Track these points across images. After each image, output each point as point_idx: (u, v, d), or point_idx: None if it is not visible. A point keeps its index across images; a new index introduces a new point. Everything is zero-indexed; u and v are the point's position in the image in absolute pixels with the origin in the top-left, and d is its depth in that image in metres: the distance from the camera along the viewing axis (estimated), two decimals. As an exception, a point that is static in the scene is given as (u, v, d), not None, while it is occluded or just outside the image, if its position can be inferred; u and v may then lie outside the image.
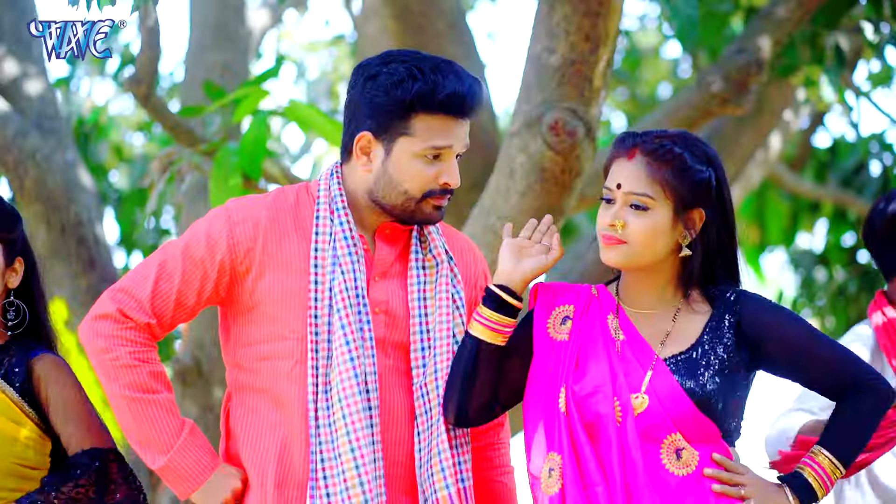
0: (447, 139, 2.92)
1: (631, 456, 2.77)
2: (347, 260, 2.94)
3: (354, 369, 2.88)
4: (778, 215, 9.13)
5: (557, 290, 2.97)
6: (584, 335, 2.89)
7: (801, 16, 5.32)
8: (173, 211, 8.18)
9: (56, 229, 5.34)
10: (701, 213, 2.85)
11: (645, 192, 2.82)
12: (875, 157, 8.80)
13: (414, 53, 2.97)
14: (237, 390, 3.01)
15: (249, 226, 2.95)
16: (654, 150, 2.83)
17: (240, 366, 3.00)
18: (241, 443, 2.97)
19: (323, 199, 3.00)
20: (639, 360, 2.83)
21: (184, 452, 2.89)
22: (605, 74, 4.17)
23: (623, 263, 2.86)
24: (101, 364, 2.90)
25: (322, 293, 2.93)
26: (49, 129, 5.51)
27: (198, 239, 2.96)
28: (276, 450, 2.93)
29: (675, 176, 2.82)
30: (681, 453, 2.78)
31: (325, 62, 10.96)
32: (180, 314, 2.96)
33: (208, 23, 6.41)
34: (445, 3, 5.86)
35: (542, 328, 2.92)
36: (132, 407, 2.88)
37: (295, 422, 2.93)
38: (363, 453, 2.85)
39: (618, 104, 10.32)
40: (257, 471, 2.93)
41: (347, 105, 3.00)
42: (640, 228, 2.82)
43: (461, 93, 2.91)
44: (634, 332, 2.86)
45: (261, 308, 2.95)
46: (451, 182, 2.95)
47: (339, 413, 2.87)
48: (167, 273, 2.93)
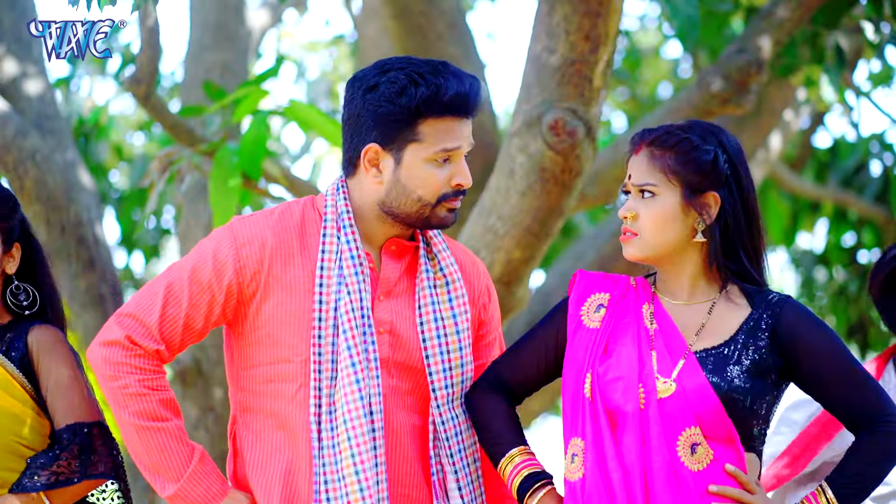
0: (455, 140, 2.92)
1: (651, 445, 2.77)
2: (354, 280, 2.92)
3: (360, 391, 2.87)
4: (778, 215, 9.12)
5: (595, 278, 2.98)
6: (616, 322, 2.90)
7: (802, 16, 5.32)
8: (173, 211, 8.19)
9: (56, 229, 5.34)
10: (715, 197, 2.85)
11: (647, 181, 2.85)
12: (875, 157, 8.81)
13: (408, 60, 2.95)
14: (242, 412, 3.00)
15: (256, 248, 2.93)
16: (657, 139, 2.86)
17: (243, 388, 2.99)
18: (248, 466, 2.97)
19: (330, 215, 2.97)
20: (671, 349, 2.83)
21: (194, 481, 2.89)
22: (605, 74, 4.17)
23: (641, 256, 2.87)
24: (110, 391, 2.89)
25: (326, 313, 2.91)
26: (49, 129, 5.50)
27: (204, 261, 2.93)
28: (281, 473, 2.92)
29: (678, 160, 2.84)
30: (696, 448, 2.77)
31: (325, 62, 10.96)
32: (189, 338, 2.95)
33: (208, 23, 6.41)
34: (445, 3, 5.86)
35: (576, 315, 2.94)
36: (142, 435, 2.88)
37: (300, 445, 2.92)
38: (367, 476, 2.84)
39: (618, 104, 10.32)
40: (264, 494, 2.93)
41: (347, 119, 2.97)
42: (649, 216, 2.84)
43: (464, 93, 2.91)
44: (669, 321, 2.86)
45: (264, 330, 2.93)
46: (464, 182, 2.94)
47: (344, 435, 2.85)
48: (175, 297, 2.91)
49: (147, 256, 9.01)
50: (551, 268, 6.08)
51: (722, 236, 2.85)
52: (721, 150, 2.85)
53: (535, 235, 4.37)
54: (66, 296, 5.36)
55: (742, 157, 2.88)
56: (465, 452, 2.99)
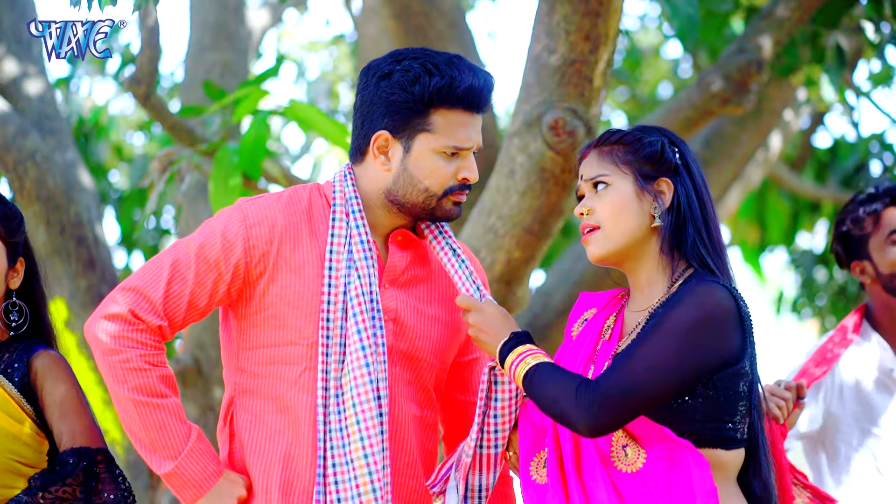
0: (467, 140, 2.93)
1: (584, 451, 2.78)
2: (364, 264, 2.92)
3: (369, 375, 2.86)
4: (778, 215, 9.12)
5: (594, 296, 3.02)
6: (585, 336, 2.93)
7: (802, 15, 5.32)
8: (173, 211, 8.18)
9: (56, 229, 5.34)
10: (668, 183, 2.87)
11: (599, 172, 2.89)
12: (875, 157, 8.80)
13: (423, 50, 2.96)
14: (240, 394, 2.98)
15: (266, 228, 2.93)
16: (602, 139, 2.91)
17: (242, 369, 2.97)
18: (246, 449, 2.96)
19: (339, 200, 2.97)
20: (605, 358, 2.85)
21: (191, 459, 2.87)
22: (606, 74, 4.17)
23: (604, 252, 2.87)
24: (109, 365, 2.86)
25: (335, 297, 2.91)
26: (49, 129, 5.51)
27: (213, 239, 2.92)
28: (281, 457, 2.91)
29: (627, 150, 2.88)
30: (626, 450, 2.77)
31: (325, 62, 10.95)
32: (192, 315, 2.93)
33: (208, 23, 6.41)
34: (445, 2, 5.86)
35: (568, 331, 2.99)
36: (140, 411, 2.85)
37: (301, 428, 2.91)
38: (375, 459, 2.84)
39: (618, 104, 10.31)
40: (262, 478, 2.92)
41: (359, 107, 2.97)
42: (606, 205, 2.86)
43: (478, 86, 2.93)
44: (619, 327, 2.89)
45: (270, 311, 2.92)
46: (471, 177, 2.96)
47: (353, 418, 2.85)
48: (180, 274, 2.90)
49: (147, 256, 9.00)
50: (551, 268, 6.08)
51: (676, 219, 2.86)
52: (667, 140, 2.90)
53: (535, 235, 4.37)
54: (66, 296, 5.36)
55: (689, 152, 2.92)
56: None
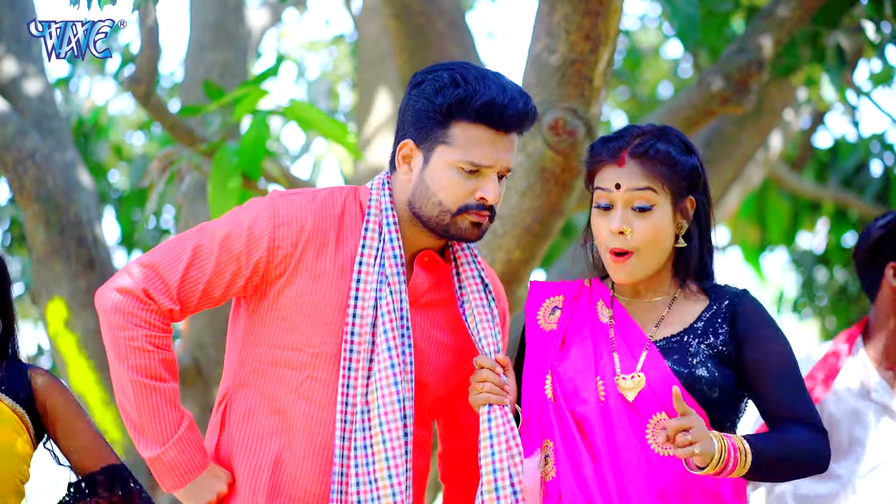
0: (486, 158, 2.83)
1: (615, 435, 2.77)
2: (396, 280, 2.87)
3: (398, 394, 2.82)
4: (778, 215, 9.12)
5: (549, 285, 2.99)
6: (572, 322, 2.91)
7: (802, 15, 5.31)
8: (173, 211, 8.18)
9: (55, 229, 5.33)
10: (692, 201, 2.88)
11: (648, 185, 2.83)
12: (876, 156, 8.81)
13: (463, 63, 2.90)
14: (237, 387, 2.95)
15: (294, 230, 2.88)
16: (644, 151, 2.84)
17: (244, 363, 2.94)
18: (234, 445, 2.92)
19: (374, 210, 2.91)
20: (631, 343, 2.85)
21: (179, 447, 2.84)
22: (606, 74, 4.16)
23: (635, 278, 2.87)
24: (114, 339, 2.82)
25: (363, 310, 2.85)
26: (49, 128, 5.50)
27: (238, 232, 2.87)
28: (272, 460, 2.87)
29: (668, 170, 2.84)
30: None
31: (325, 62, 10.95)
32: (205, 303, 2.89)
33: (208, 23, 6.40)
34: (445, 2, 5.85)
35: (533, 320, 2.94)
36: (136, 391, 2.81)
37: (294, 435, 2.87)
38: (399, 480, 2.80)
39: (618, 104, 10.31)
40: (249, 479, 2.89)
41: (398, 115, 2.94)
42: (648, 230, 2.83)
43: (500, 103, 2.82)
44: (626, 317, 2.88)
45: (281, 313, 2.88)
46: (488, 197, 2.85)
47: (379, 437, 2.81)
48: (200, 260, 2.85)
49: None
50: (551, 268, 6.07)
51: (699, 239, 2.89)
52: (696, 155, 2.89)
53: (535, 235, 4.36)
54: (65, 296, 5.36)
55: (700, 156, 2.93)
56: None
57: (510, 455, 2.82)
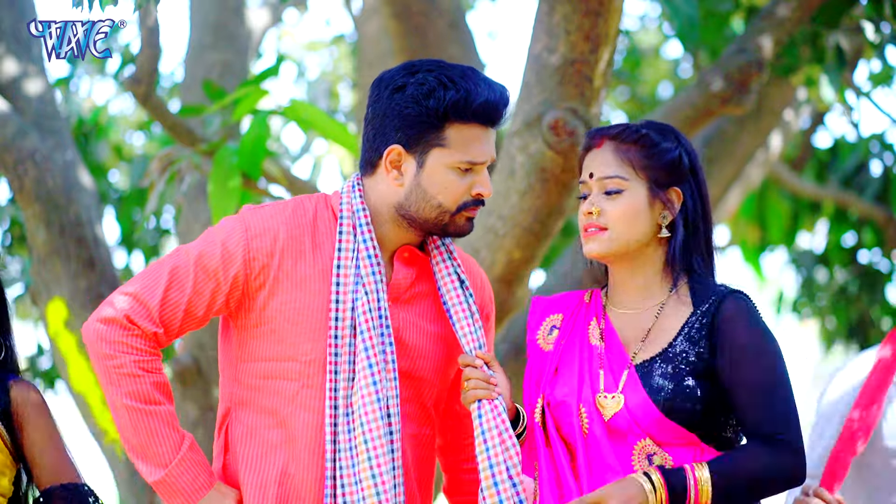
0: (482, 155, 2.88)
1: (602, 462, 2.76)
2: (371, 280, 2.87)
3: (377, 394, 2.83)
4: (778, 215, 9.12)
5: (550, 300, 2.98)
6: (566, 344, 2.90)
7: (802, 15, 5.31)
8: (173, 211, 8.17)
9: (55, 229, 5.33)
10: (678, 193, 2.86)
11: (616, 173, 2.84)
12: (876, 156, 8.81)
13: (437, 62, 2.91)
14: (236, 406, 2.96)
15: (268, 241, 2.88)
16: (620, 133, 2.85)
17: (239, 381, 2.95)
18: (240, 462, 2.93)
19: (346, 213, 2.92)
20: (615, 363, 2.82)
21: (182, 468, 2.84)
22: (606, 74, 4.16)
23: (605, 252, 2.85)
24: (103, 369, 2.84)
25: (343, 313, 2.86)
26: (49, 128, 5.50)
27: (213, 250, 2.88)
28: (278, 473, 2.88)
29: (645, 154, 2.84)
30: (652, 458, 2.75)
31: (325, 62, 10.95)
32: (188, 324, 2.90)
33: (208, 23, 6.40)
34: (445, 2, 5.86)
35: (533, 339, 2.95)
36: (132, 417, 2.83)
37: (299, 445, 2.88)
38: (384, 479, 2.81)
39: (618, 104, 10.31)
40: (257, 493, 2.89)
41: (371, 119, 2.92)
42: (617, 209, 2.82)
43: (494, 101, 2.87)
44: (614, 336, 2.85)
45: (270, 326, 2.89)
46: (484, 192, 2.90)
47: (361, 437, 2.82)
48: (178, 282, 2.86)
49: (147, 256, 8.99)
50: (551, 268, 6.07)
51: (685, 232, 2.85)
52: (682, 147, 2.87)
53: (535, 235, 4.36)
54: (65, 296, 5.36)
55: (697, 156, 2.90)
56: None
57: (504, 448, 2.81)
